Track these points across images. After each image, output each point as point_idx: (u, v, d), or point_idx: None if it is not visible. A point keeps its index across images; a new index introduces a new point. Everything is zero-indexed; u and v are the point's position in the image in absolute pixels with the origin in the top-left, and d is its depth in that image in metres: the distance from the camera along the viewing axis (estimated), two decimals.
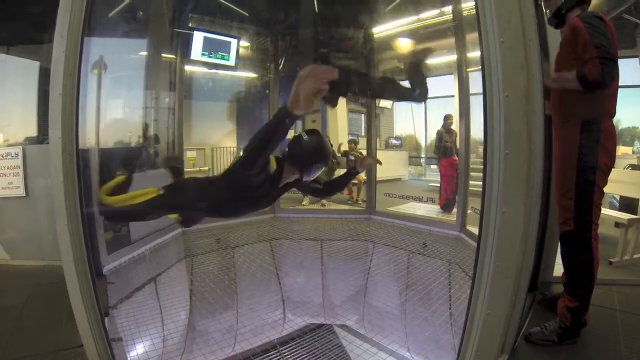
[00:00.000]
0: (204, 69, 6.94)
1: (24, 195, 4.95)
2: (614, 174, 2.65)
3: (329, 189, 2.97)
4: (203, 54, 6.23)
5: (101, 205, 2.57)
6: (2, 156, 4.96)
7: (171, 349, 4.35)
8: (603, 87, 2.30)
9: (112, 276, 3.55)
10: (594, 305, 2.81)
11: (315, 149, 2.46)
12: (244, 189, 2.33)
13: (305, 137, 2.48)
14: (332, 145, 8.28)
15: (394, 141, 11.58)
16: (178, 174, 3.25)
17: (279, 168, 2.43)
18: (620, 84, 2.44)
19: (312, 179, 2.55)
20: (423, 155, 11.62)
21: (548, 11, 2.74)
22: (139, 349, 3.89)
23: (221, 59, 6.43)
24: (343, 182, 3.08)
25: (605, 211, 4.88)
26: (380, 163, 3.50)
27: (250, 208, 2.63)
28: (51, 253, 4.52)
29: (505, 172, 2.02)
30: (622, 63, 2.37)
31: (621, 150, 8.13)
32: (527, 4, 2.07)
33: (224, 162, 10.66)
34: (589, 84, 2.29)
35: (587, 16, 2.44)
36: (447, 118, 7.27)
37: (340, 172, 7.99)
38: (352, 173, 3.00)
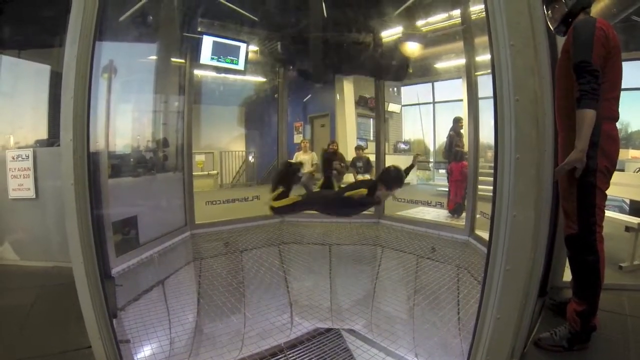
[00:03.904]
0: (213, 73, 6.97)
1: (34, 197, 4.99)
2: (624, 178, 2.63)
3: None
4: (212, 58, 6.26)
5: (272, 208, 4.32)
6: (13, 158, 5.01)
7: (178, 351, 4.35)
8: (592, 98, 2.26)
9: (121, 278, 3.56)
10: (604, 311, 2.79)
11: (395, 177, 4.21)
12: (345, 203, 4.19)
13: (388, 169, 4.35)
14: (337, 147, 8.30)
15: (402, 145, 11.55)
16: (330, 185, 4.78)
17: (370, 191, 4.09)
18: (630, 86, 2.43)
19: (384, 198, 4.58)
20: (432, 160, 11.58)
21: (553, 20, 2.73)
22: (147, 350, 3.89)
23: (230, 63, 6.46)
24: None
25: (615, 215, 4.84)
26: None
27: (352, 214, 5.16)
28: (60, 254, 4.55)
29: (516, 175, 2.02)
30: (633, 65, 2.35)
31: (630, 153, 8.06)
32: (536, 7, 2.07)
33: (232, 166, 10.71)
34: (577, 100, 2.28)
35: (577, 23, 2.44)
36: (457, 121, 7.16)
37: (348, 176, 8.02)
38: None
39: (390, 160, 8.00)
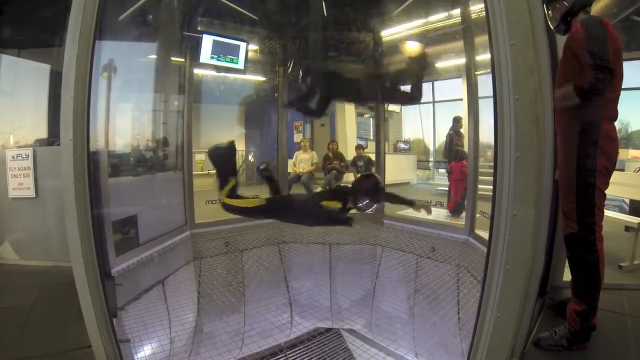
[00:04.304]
0: (213, 72, 6.96)
1: (34, 196, 4.99)
2: (624, 177, 2.65)
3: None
4: (212, 57, 6.24)
5: (224, 204, 3.44)
6: (13, 157, 5.01)
7: (179, 351, 4.35)
8: (599, 94, 2.33)
9: (121, 278, 3.56)
10: (604, 310, 2.79)
11: (372, 190, 3.44)
12: (317, 213, 3.40)
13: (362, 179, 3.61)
14: (337, 146, 8.28)
15: (402, 145, 11.53)
16: (276, 190, 3.82)
17: (344, 204, 3.35)
18: (631, 86, 2.45)
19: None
20: (431, 159, 11.57)
21: (553, 19, 2.74)
22: (147, 350, 3.90)
23: (230, 62, 6.45)
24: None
25: (615, 215, 4.84)
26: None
27: (322, 224, 4.32)
28: (60, 254, 4.55)
29: (516, 174, 2.02)
30: (633, 65, 2.36)
31: (631, 153, 8.06)
32: (536, 6, 2.07)
33: None
34: (585, 93, 2.33)
35: (587, 21, 2.46)
36: (457, 120, 7.16)
37: (349, 176, 8.00)
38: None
39: (391, 160, 8.01)
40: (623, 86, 2.53)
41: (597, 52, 2.29)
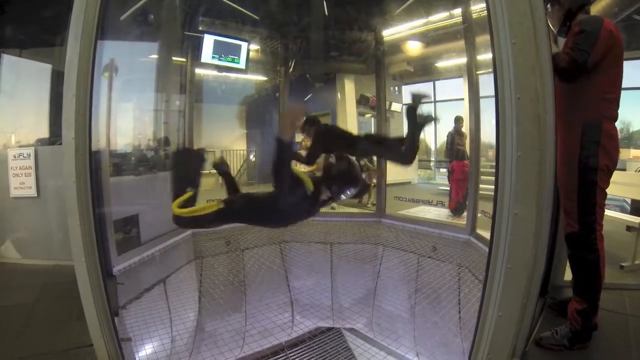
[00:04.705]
0: (215, 72, 6.97)
1: (36, 195, 5.00)
2: (625, 177, 2.66)
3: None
4: (213, 57, 6.25)
5: (174, 216, 2.91)
6: (15, 157, 5.02)
7: (180, 350, 4.35)
8: (562, 78, 2.47)
9: (122, 277, 3.56)
10: (605, 310, 2.79)
11: (344, 174, 2.87)
12: (287, 206, 2.80)
13: (334, 162, 2.99)
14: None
15: None
16: (233, 187, 3.31)
17: (316, 189, 2.79)
18: (631, 85, 2.47)
19: (341, 198, 2.96)
20: (433, 159, 11.57)
21: (554, 23, 2.75)
22: (148, 349, 3.90)
23: (231, 62, 6.46)
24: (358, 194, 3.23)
25: (616, 214, 4.84)
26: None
27: (293, 220, 3.31)
28: (61, 253, 4.56)
29: (517, 173, 2.02)
30: (634, 65, 2.38)
31: (632, 153, 8.05)
32: (538, 6, 2.07)
33: (234, 165, 10.70)
34: (556, 71, 2.38)
35: (586, 19, 2.48)
36: (458, 120, 7.21)
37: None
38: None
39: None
40: (624, 86, 2.54)
41: (580, 49, 2.38)
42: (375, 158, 6.51)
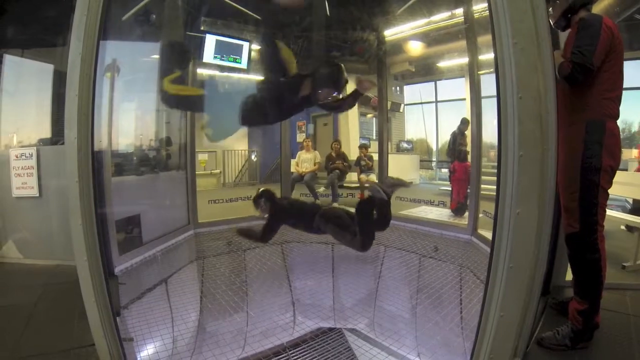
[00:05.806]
0: (217, 72, 6.97)
1: (38, 195, 5.01)
2: (626, 177, 2.65)
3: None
4: (215, 57, 6.24)
5: (162, 92, 2.98)
6: (17, 157, 5.03)
7: (181, 350, 4.35)
8: (571, 84, 2.47)
9: (124, 277, 3.57)
10: (607, 310, 2.79)
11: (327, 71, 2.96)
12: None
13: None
14: (340, 146, 8.26)
15: (405, 145, 11.52)
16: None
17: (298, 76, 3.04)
18: (632, 85, 2.47)
19: (319, 99, 2.98)
20: (434, 159, 11.57)
21: (553, 16, 2.75)
22: (150, 349, 3.90)
23: (233, 62, 6.45)
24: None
25: (618, 214, 4.83)
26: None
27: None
28: (63, 253, 4.56)
29: (519, 173, 2.02)
30: (636, 64, 2.37)
31: (633, 153, 8.03)
32: (540, 5, 2.07)
33: (235, 165, 10.70)
34: (565, 79, 2.43)
35: (585, 18, 2.48)
36: (464, 122, 7.16)
37: (351, 175, 7.98)
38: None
39: (393, 160, 8.00)
40: (626, 86, 2.54)
41: (581, 51, 2.36)
42: (375, 158, 6.53)
